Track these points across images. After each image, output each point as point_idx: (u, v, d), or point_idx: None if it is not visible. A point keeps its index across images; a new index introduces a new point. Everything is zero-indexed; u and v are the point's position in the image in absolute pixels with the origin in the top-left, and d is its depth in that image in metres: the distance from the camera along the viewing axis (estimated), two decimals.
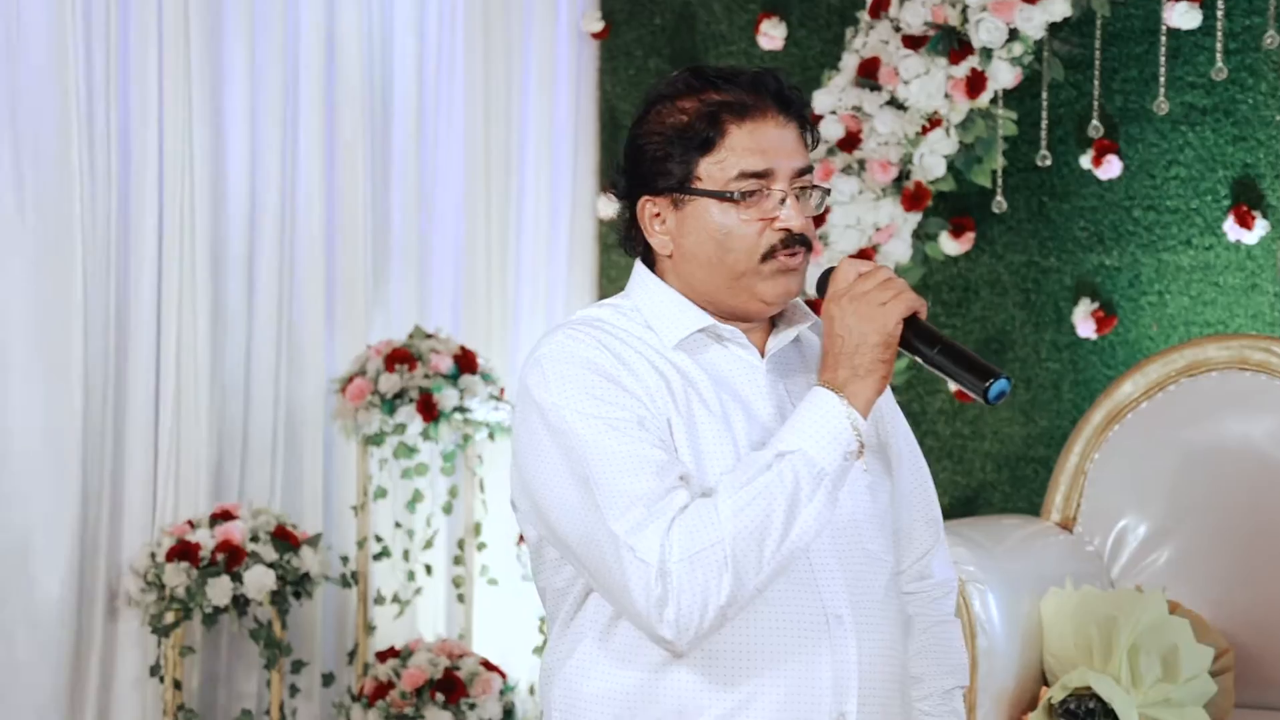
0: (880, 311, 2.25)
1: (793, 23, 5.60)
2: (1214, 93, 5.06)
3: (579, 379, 2.24)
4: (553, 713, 2.34)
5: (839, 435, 2.21)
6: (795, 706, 2.26)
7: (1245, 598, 4.30)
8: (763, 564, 2.16)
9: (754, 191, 2.29)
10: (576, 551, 2.22)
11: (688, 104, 2.32)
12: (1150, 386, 4.58)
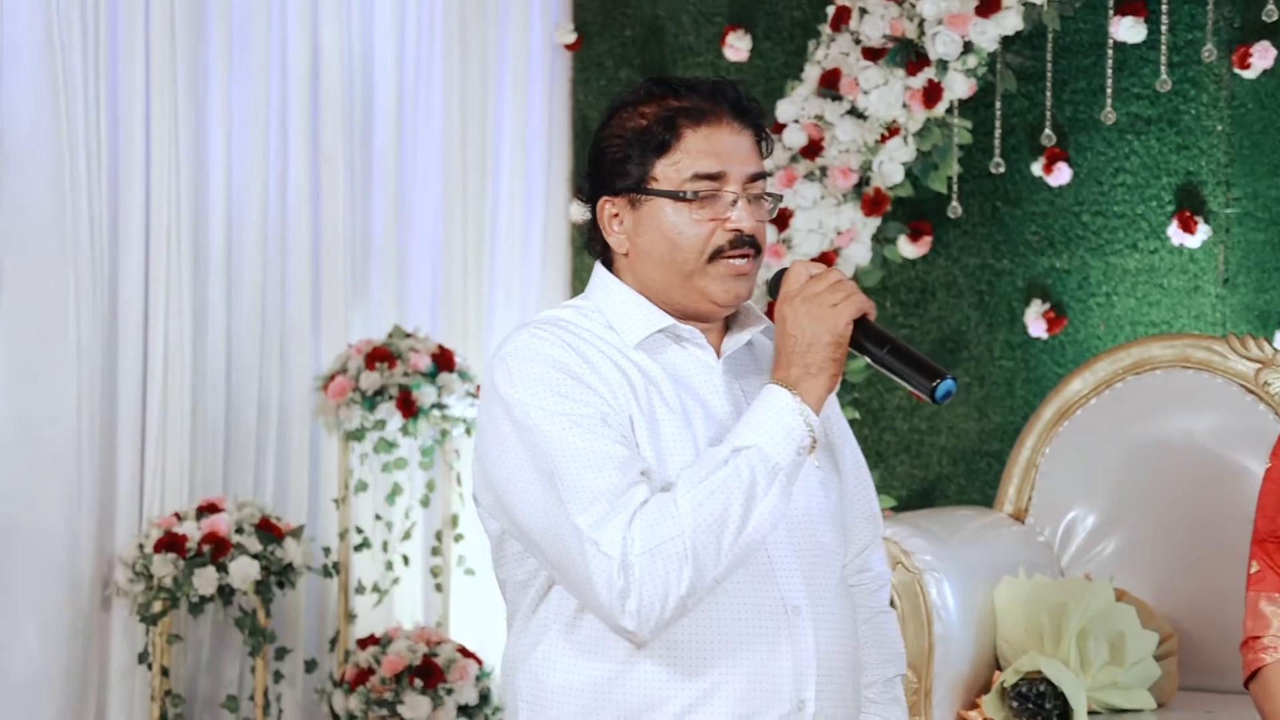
0: (832, 312, 2.26)
1: (757, 35, 5.62)
2: (1158, 103, 5.10)
3: (544, 376, 2.23)
4: (519, 704, 2.32)
5: (792, 431, 2.21)
6: (757, 696, 2.26)
7: (1188, 585, 4.33)
8: (721, 556, 2.16)
9: (707, 192, 2.30)
10: (540, 545, 2.22)
11: (648, 109, 2.34)
12: (1098, 384, 4.60)
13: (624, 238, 2.35)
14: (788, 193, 5.17)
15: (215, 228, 5.13)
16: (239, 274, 5.19)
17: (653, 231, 2.32)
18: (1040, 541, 4.53)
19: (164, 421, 4.97)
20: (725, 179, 2.30)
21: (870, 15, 5.07)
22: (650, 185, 2.31)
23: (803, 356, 2.25)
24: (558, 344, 2.27)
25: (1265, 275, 5.01)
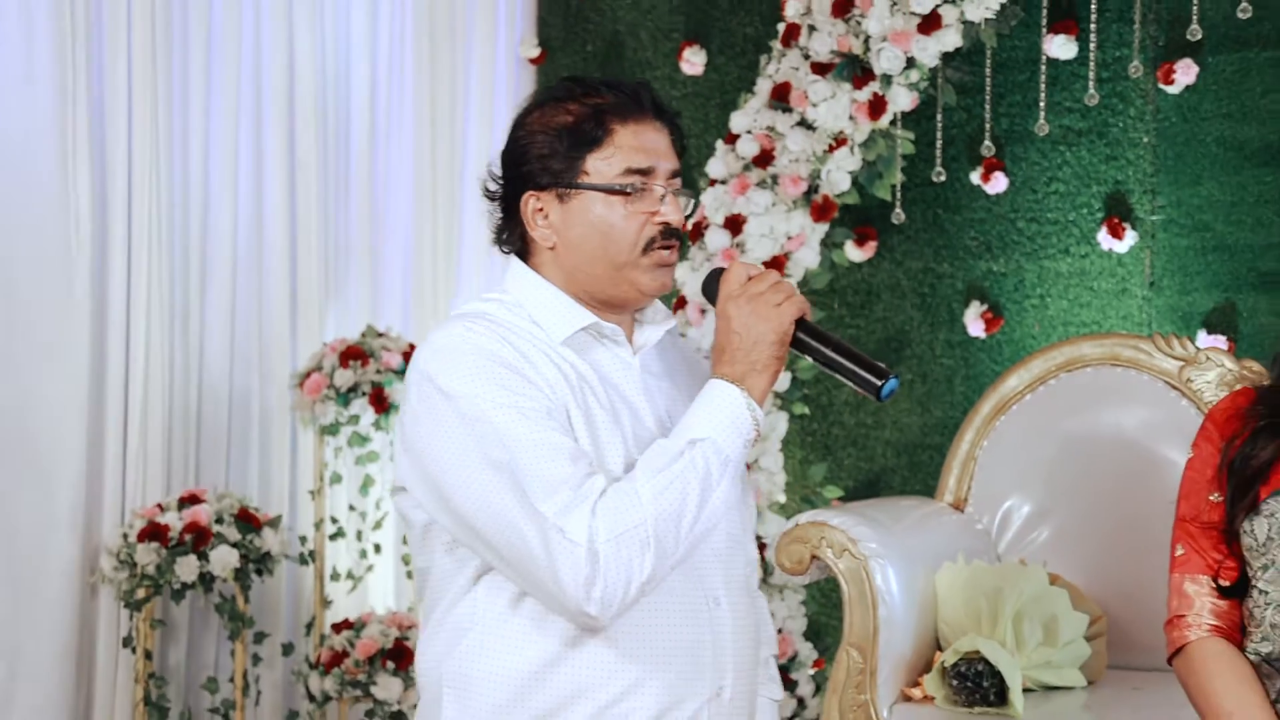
0: (776, 312, 2.27)
1: (712, 50, 5.63)
2: (1088, 116, 5.13)
3: (487, 370, 2.19)
4: (443, 691, 2.27)
5: (741, 425, 2.23)
6: (682, 684, 2.26)
7: (1117, 570, 4.35)
8: (679, 542, 2.18)
9: (639, 187, 2.28)
10: (486, 534, 2.17)
11: (573, 106, 2.30)
12: (1033, 380, 4.60)
13: (550, 231, 2.32)
14: (741, 199, 5.18)
15: (195, 232, 5.15)
16: (219, 276, 5.21)
17: (584, 225, 2.30)
18: (978, 529, 4.54)
19: (145, 417, 4.99)
20: (654, 174, 2.30)
21: (819, 32, 5.09)
22: (582, 180, 2.29)
23: (748, 354, 2.26)
24: (494, 338, 2.24)
25: (1188, 278, 5.04)
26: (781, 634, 5.19)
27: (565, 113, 2.31)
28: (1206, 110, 5.02)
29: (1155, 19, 5.02)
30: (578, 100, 2.31)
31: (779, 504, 5.27)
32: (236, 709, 4.93)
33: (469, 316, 2.30)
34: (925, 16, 4.93)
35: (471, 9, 5.89)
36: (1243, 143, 4.99)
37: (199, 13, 5.13)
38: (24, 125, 4.70)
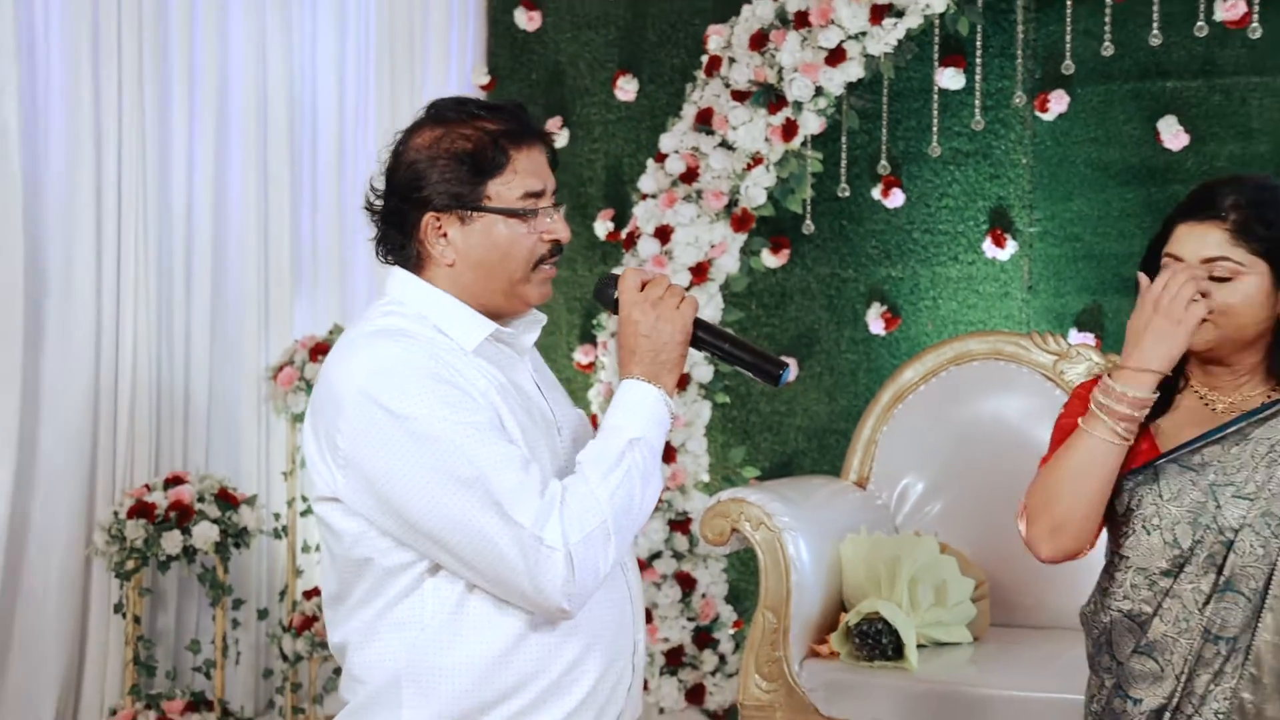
0: (678, 314, 2.24)
1: (643, 79, 5.62)
2: (975, 140, 5.16)
3: (432, 389, 2.10)
4: (403, 685, 2.16)
5: (663, 420, 2.23)
6: (614, 645, 2.26)
7: (999, 540, 4.27)
8: (631, 531, 2.19)
9: (533, 210, 2.22)
10: (454, 547, 2.08)
11: (466, 131, 2.21)
12: (926, 373, 4.66)
13: (449, 249, 2.22)
14: (669, 211, 5.19)
15: (178, 239, 5.11)
16: (199, 280, 5.17)
17: (485, 245, 2.22)
18: (878, 504, 4.58)
19: (134, 407, 4.96)
20: (544, 195, 2.24)
21: (738, 63, 5.13)
22: (485, 203, 2.20)
23: (657, 355, 2.23)
24: (426, 356, 2.14)
25: (1061, 283, 5.08)
26: (705, 598, 5.21)
27: (463, 139, 2.20)
28: (1077, 135, 5.06)
29: (1033, 55, 5.06)
30: (470, 125, 2.22)
31: (703, 483, 5.30)
32: (217, 668, 4.90)
33: (389, 333, 2.18)
34: (832, 50, 4.97)
35: (428, 40, 5.87)
36: (1108, 164, 5.03)
37: (182, 41, 5.07)
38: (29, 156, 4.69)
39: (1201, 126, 4.93)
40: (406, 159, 2.23)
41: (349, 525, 2.16)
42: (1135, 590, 2.46)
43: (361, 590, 2.19)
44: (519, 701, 2.15)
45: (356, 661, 2.21)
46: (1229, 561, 2.37)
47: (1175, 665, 2.39)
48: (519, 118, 2.26)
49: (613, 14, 5.75)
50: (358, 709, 2.21)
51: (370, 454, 2.10)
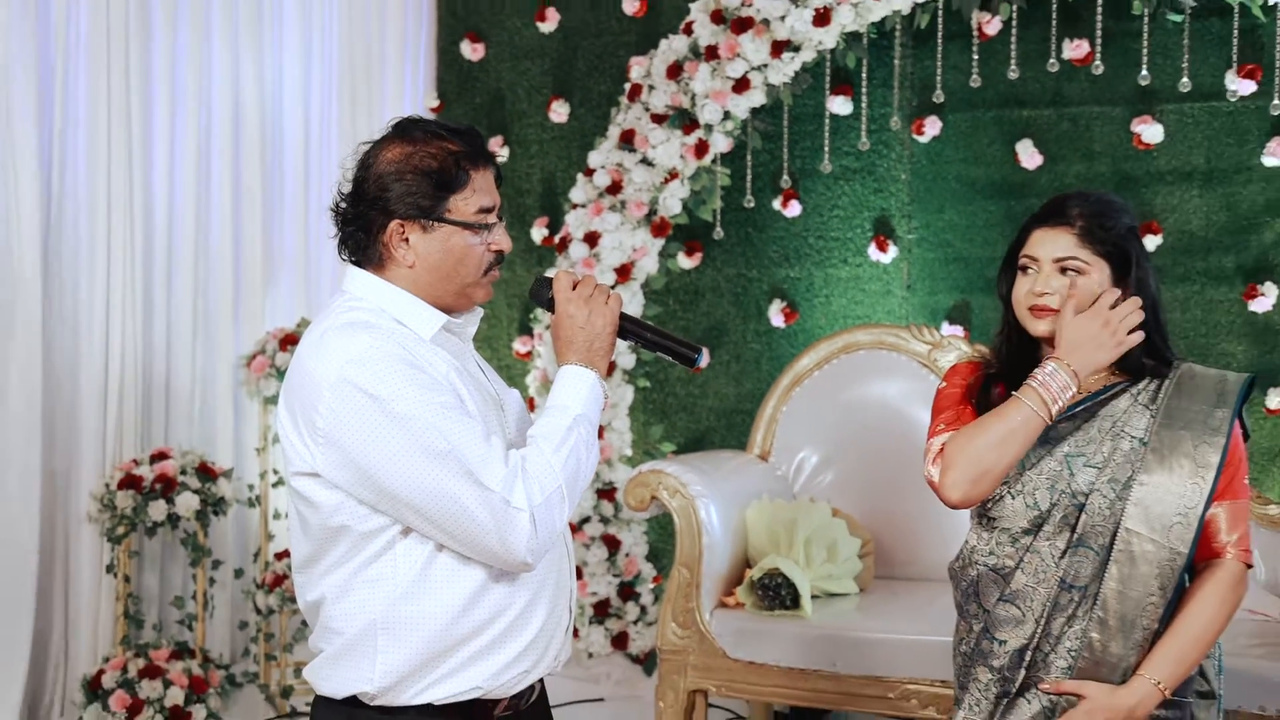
0: (607, 309, 2.27)
1: (574, 103, 5.62)
2: (861, 159, 5.18)
3: (403, 373, 2.09)
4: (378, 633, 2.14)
5: (599, 399, 2.25)
6: (555, 589, 2.26)
7: (881, 505, 4.44)
8: (579, 493, 2.20)
9: (485, 224, 2.21)
10: (428, 512, 2.08)
11: (432, 149, 2.18)
12: (820, 360, 4.65)
13: (410, 253, 2.20)
14: (596, 219, 5.20)
15: (159, 241, 5.04)
16: (180, 279, 5.10)
17: (442, 252, 2.20)
18: (778, 475, 4.57)
19: (122, 391, 4.89)
20: (494, 211, 2.24)
21: (656, 90, 5.14)
22: (447, 216, 2.18)
23: (591, 344, 2.25)
24: (396, 345, 2.12)
25: (935, 283, 5.11)
26: (628, 557, 5.24)
27: (430, 157, 2.18)
28: (948, 155, 5.09)
29: (910, 85, 5.09)
30: (434, 144, 2.20)
31: (626, 457, 5.32)
32: (198, 621, 4.85)
33: (359, 326, 2.15)
34: (738, 80, 5.01)
35: (385, 69, 5.86)
36: (974, 180, 5.06)
37: (166, 72, 5.00)
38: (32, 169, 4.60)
39: (1053, 149, 4.98)
40: (376, 170, 2.20)
41: (327, 496, 2.13)
42: (1000, 547, 2.48)
43: (337, 553, 2.17)
44: (479, 643, 2.16)
45: (333, 614, 2.19)
46: (1080, 521, 2.40)
47: (1035, 611, 2.42)
48: (477, 142, 2.24)
49: (547, 46, 5.74)
50: (335, 656, 2.19)
51: (351, 432, 2.08)
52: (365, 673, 2.15)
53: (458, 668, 2.16)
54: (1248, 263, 4.81)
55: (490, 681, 2.18)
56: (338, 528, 2.15)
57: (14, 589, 4.55)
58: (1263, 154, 4.75)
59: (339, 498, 2.13)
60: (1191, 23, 4.71)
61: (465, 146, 2.22)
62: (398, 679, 2.14)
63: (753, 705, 4.55)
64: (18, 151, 4.57)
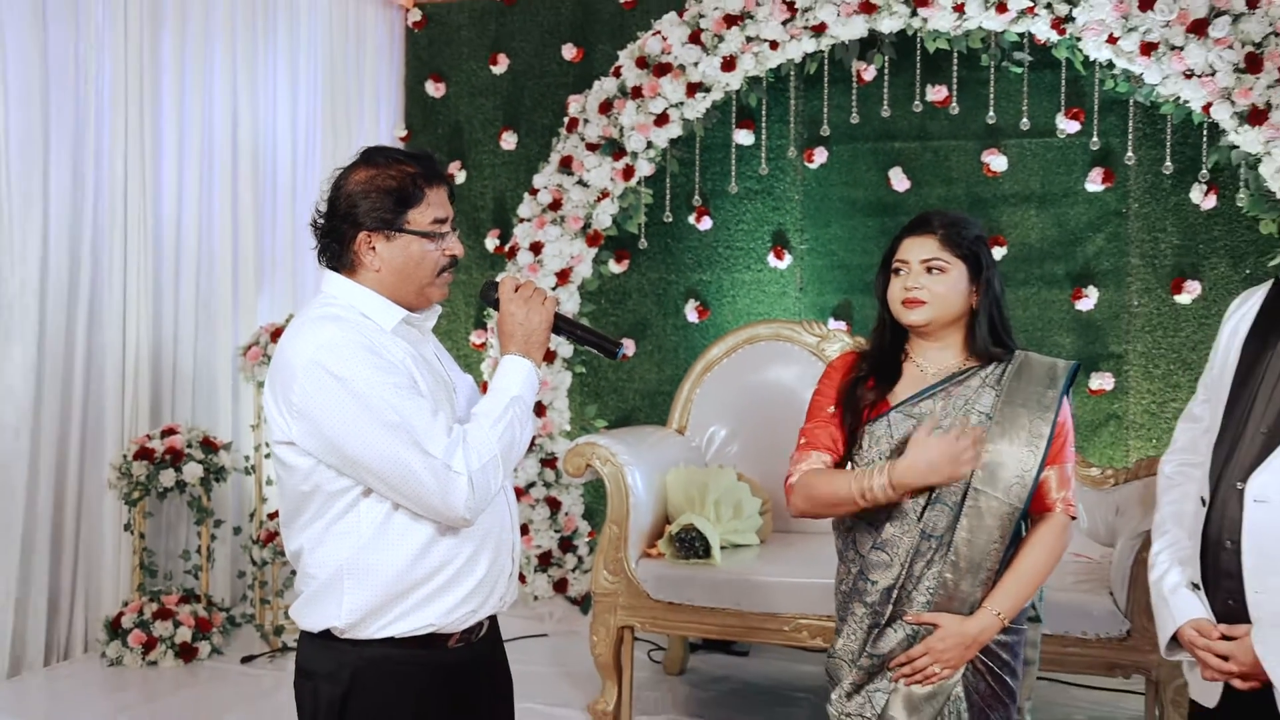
0: (544, 308, 2.25)
1: (521, 133, 5.62)
2: (761, 182, 5.21)
3: (364, 359, 2.06)
4: (344, 579, 2.12)
5: (534, 384, 2.23)
6: (498, 543, 2.23)
7: (778, 470, 4.01)
8: (514, 462, 2.18)
9: (440, 233, 2.18)
10: (384, 475, 2.05)
11: (393, 172, 2.16)
12: (728, 350, 4.65)
13: (376, 259, 2.16)
14: (540, 231, 5.18)
15: (167, 247, 4.97)
16: (185, 281, 5.04)
17: (403, 257, 2.16)
18: (693, 446, 4.57)
19: (137, 377, 4.83)
20: (447, 222, 2.20)
21: (590, 123, 5.15)
22: (406, 227, 2.15)
23: (529, 338, 2.24)
24: (358, 335, 2.09)
25: (823, 285, 5.15)
26: (567, 515, 5.24)
27: (390, 178, 2.15)
28: (833, 180, 5.13)
29: (801, 121, 5.11)
30: (395, 167, 2.17)
31: (565, 431, 5.31)
32: (203, 571, 4.81)
33: (329, 319, 2.12)
34: (659, 115, 5.02)
35: (361, 103, 5.83)
36: (855, 200, 5.11)
37: (174, 104, 4.94)
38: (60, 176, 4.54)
39: (918, 175, 5.04)
40: (346, 190, 2.18)
41: (301, 462, 2.11)
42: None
43: (311, 510, 2.14)
44: (431, 587, 2.14)
45: (310, 562, 2.16)
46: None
47: (901, 556, 2.43)
48: (431, 164, 2.22)
49: (498, 85, 5.73)
50: (312, 596, 2.17)
51: (319, 407, 2.05)
52: (335, 611, 2.13)
53: (414, 607, 2.13)
54: (1074, 270, 4.90)
55: (442, 619, 2.15)
56: (311, 489, 2.12)
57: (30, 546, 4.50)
58: (1086, 181, 4.85)
59: (311, 463, 2.10)
60: (1029, 73, 4.78)
61: (420, 169, 2.19)
62: (362, 616, 2.12)
63: (671, 638, 4.57)
64: (51, 181, 4.50)
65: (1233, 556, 2.11)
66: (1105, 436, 4.82)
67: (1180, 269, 4.76)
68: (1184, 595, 2.21)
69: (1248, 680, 2.12)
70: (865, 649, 2.45)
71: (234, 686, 4.31)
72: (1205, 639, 2.15)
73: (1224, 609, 2.15)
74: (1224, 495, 2.14)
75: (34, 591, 4.46)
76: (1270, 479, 2.09)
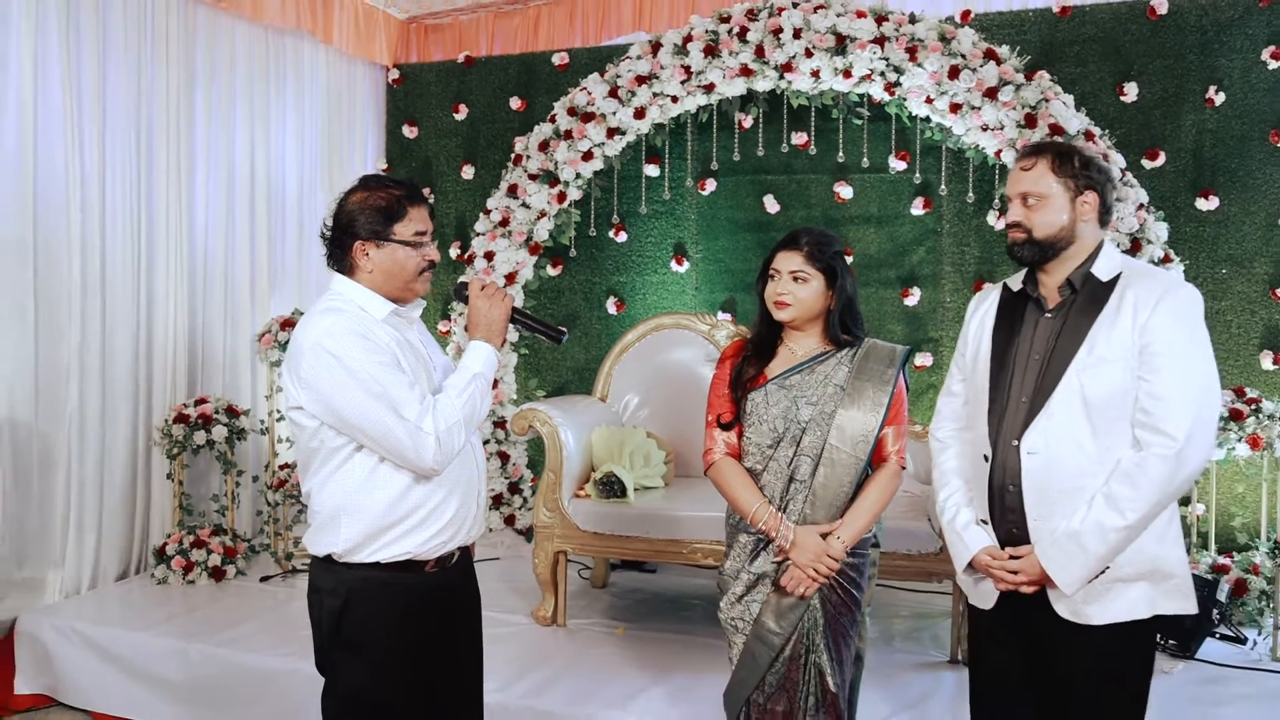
0: (503, 303, 2.23)
1: (478, 166, 5.55)
2: (665, 205, 5.18)
3: (356, 342, 2.04)
4: (341, 515, 2.10)
5: (493, 364, 2.20)
6: (466, 491, 2.20)
7: (678, 428, 4.34)
8: (474, 425, 2.16)
9: (420, 243, 2.15)
10: (371, 434, 2.04)
11: (382, 194, 2.13)
12: (640, 335, 4.62)
13: (369, 263, 2.13)
14: (492, 243, 5.13)
15: (199, 257, 4.86)
16: (213, 281, 4.94)
17: (391, 262, 2.13)
18: (613, 411, 4.56)
19: (175, 358, 4.74)
20: (427, 234, 2.17)
21: (532, 159, 5.08)
22: (393, 237, 2.13)
23: (490, 326, 2.21)
24: (354, 323, 2.07)
25: (713, 286, 5.13)
26: (515, 465, 5.20)
27: (380, 199, 2.13)
28: (721, 204, 5.11)
29: (696, 157, 5.09)
30: (385, 191, 2.14)
31: (512, 399, 5.26)
32: (228, 510, 4.74)
33: (332, 311, 2.09)
34: (585, 152, 4.97)
35: (352, 143, 5.71)
36: (737, 220, 5.09)
37: (205, 141, 4.85)
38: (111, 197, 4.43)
39: (786, 201, 5.03)
40: (346, 208, 2.17)
41: (309, 423, 2.10)
42: (752, 456, 2.47)
43: (317, 461, 2.13)
44: (409, 523, 2.12)
45: (316, 501, 2.15)
46: (803, 440, 2.41)
47: (775, 497, 2.42)
48: (414, 189, 2.20)
49: (460, 129, 5.66)
50: (318, 528, 2.15)
51: (321, 380, 2.04)
52: (333, 539, 2.12)
53: (396, 539, 2.11)
54: (903, 274, 4.95)
55: (419, 548, 2.13)
56: (317, 445, 2.11)
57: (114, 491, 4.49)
58: (911, 207, 4.89)
59: (316, 424, 2.09)
60: (868, 124, 4.82)
61: (405, 191, 2.16)
62: (354, 545, 2.10)
63: (596, 560, 4.55)
64: (109, 206, 4.44)
65: (1015, 496, 2.14)
66: (926, 401, 4.87)
67: (980, 273, 4.82)
68: (974, 530, 2.23)
69: (1033, 585, 2.15)
70: (746, 568, 2.44)
71: (255, 600, 4.23)
72: (999, 560, 2.17)
73: (1007, 535, 2.18)
74: (1003, 451, 2.16)
75: (108, 527, 4.46)
76: (1038, 436, 2.11)
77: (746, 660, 2.39)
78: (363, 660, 2.11)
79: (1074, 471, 2.08)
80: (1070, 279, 2.18)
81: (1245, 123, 4.45)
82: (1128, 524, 2.03)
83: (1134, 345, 2.07)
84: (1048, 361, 2.14)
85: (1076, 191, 2.17)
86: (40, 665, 3.82)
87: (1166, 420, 2.02)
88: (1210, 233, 4.50)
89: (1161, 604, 2.09)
